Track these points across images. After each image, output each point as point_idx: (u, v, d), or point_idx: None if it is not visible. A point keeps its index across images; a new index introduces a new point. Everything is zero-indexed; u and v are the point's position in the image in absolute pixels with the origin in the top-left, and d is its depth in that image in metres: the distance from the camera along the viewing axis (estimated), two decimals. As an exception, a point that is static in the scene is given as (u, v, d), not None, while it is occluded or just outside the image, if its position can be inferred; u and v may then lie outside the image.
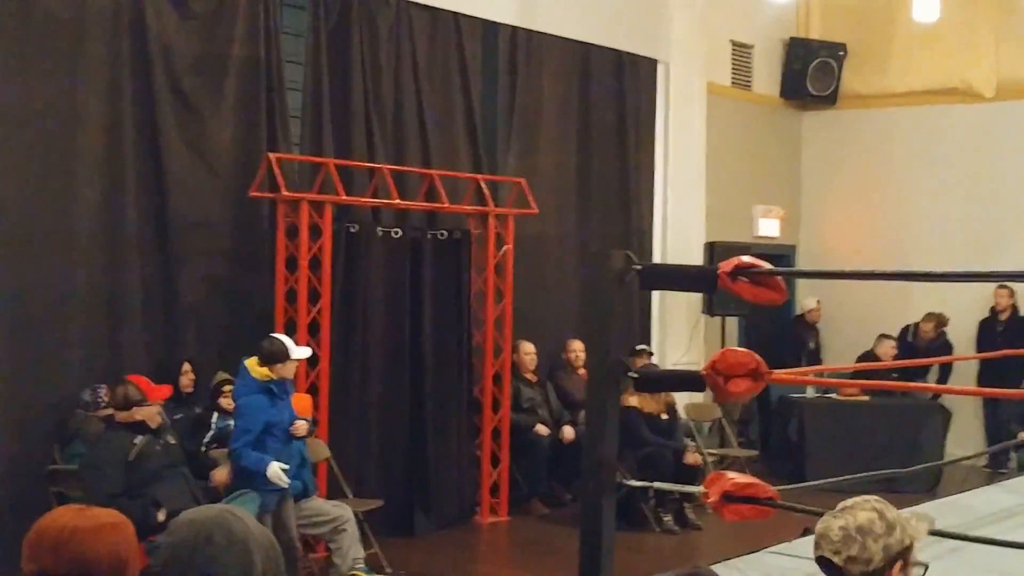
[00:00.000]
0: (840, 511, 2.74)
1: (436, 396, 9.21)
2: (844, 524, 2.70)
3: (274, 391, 6.89)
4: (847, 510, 2.74)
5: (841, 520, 2.71)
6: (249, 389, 6.89)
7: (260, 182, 8.09)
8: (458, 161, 9.78)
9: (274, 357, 6.88)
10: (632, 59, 11.42)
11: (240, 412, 6.92)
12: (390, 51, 9.25)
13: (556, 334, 10.59)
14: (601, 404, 4.63)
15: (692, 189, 12.01)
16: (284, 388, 7.01)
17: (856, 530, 2.68)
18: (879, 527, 2.69)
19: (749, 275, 4.31)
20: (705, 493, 4.48)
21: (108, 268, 7.66)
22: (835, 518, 2.73)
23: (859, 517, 2.70)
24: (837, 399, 11.61)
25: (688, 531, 9.32)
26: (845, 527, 2.69)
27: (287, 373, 6.97)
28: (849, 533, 2.68)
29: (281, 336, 7.19)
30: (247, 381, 6.92)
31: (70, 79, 7.46)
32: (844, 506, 2.76)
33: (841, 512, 2.74)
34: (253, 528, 2.57)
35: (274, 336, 7.18)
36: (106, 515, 2.58)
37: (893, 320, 12.36)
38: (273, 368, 6.87)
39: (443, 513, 9.25)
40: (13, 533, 3.01)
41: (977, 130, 12.84)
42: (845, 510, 2.74)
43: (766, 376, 4.28)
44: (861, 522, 2.69)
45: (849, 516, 2.71)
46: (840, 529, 2.69)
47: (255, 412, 6.81)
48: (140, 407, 6.51)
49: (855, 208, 13.65)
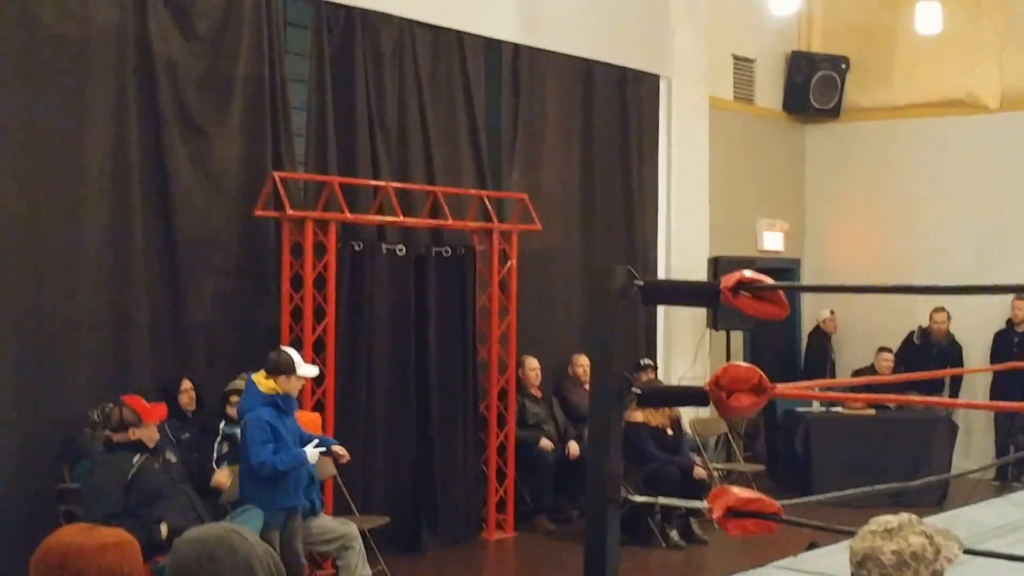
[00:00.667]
0: (887, 532, 2.67)
1: (442, 412, 9.22)
2: (898, 549, 2.64)
3: (280, 405, 6.91)
4: (896, 532, 2.67)
5: (893, 544, 2.65)
6: (255, 403, 6.90)
7: (265, 201, 8.13)
8: (462, 178, 9.80)
9: (279, 369, 6.90)
10: (634, 74, 11.45)
11: (248, 426, 6.92)
12: (393, 69, 9.29)
13: (561, 349, 10.60)
14: (605, 419, 4.64)
15: (696, 203, 12.03)
16: (289, 405, 7.03)
17: (911, 556, 2.63)
18: (930, 553, 2.65)
19: (751, 290, 4.32)
20: (709, 508, 4.47)
21: (115, 287, 7.69)
22: (884, 539, 2.66)
23: (912, 543, 2.65)
24: (843, 413, 11.59)
25: (694, 546, 9.31)
26: (899, 552, 2.64)
27: (292, 389, 6.98)
28: (903, 559, 2.63)
29: (289, 349, 7.22)
30: (253, 395, 6.94)
31: (76, 99, 7.49)
32: (890, 527, 2.69)
33: (890, 534, 2.67)
34: (256, 545, 2.59)
35: (282, 348, 7.21)
36: (111, 534, 2.59)
37: (899, 333, 12.36)
38: (279, 381, 6.89)
39: (449, 530, 9.25)
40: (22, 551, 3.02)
41: (981, 141, 12.85)
42: (893, 532, 2.67)
43: (769, 391, 4.28)
44: (916, 548, 2.64)
45: (901, 540, 2.65)
46: (893, 554, 2.63)
47: (263, 424, 6.83)
48: (136, 428, 6.50)
49: (860, 221, 13.65)
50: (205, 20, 8.21)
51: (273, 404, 6.89)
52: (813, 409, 11.66)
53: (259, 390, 6.90)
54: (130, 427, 6.50)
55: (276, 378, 6.89)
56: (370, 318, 8.83)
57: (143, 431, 6.53)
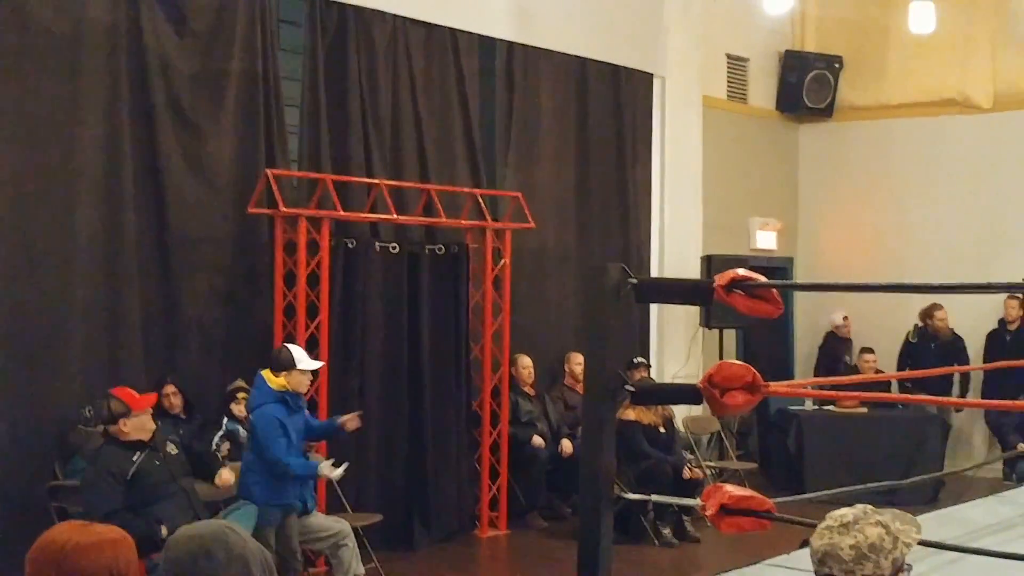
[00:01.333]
0: (843, 527, 2.69)
1: (435, 410, 9.22)
2: (855, 543, 2.65)
3: (289, 402, 6.93)
4: (852, 526, 2.68)
5: (850, 538, 2.66)
6: (264, 399, 6.93)
7: (259, 198, 8.12)
8: (456, 176, 9.80)
9: (280, 364, 6.94)
10: (628, 73, 11.45)
11: (258, 422, 6.93)
12: (387, 67, 9.28)
13: (554, 348, 10.62)
14: (598, 417, 4.64)
15: (689, 202, 12.04)
16: (298, 402, 7.05)
17: (868, 548, 2.65)
18: (888, 542, 2.66)
19: (744, 288, 4.32)
20: (703, 506, 4.48)
21: (108, 284, 7.68)
22: (841, 535, 2.68)
23: (869, 534, 2.66)
24: (835, 411, 11.62)
25: (687, 544, 9.32)
26: (856, 546, 2.65)
27: (299, 384, 7.01)
28: (862, 552, 2.64)
29: (291, 346, 7.23)
30: (263, 391, 6.97)
31: (68, 96, 7.48)
32: (845, 521, 2.70)
33: (846, 528, 2.68)
34: (250, 543, 2.60)
35: (285, 345, 7.24)
36: (107, 531, 2.61)
37: (892, 332, 12.37)
38: (285, 377, 6.92)
39: (442, 527, 9.25)
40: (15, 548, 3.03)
41: (975, 141, 12.87)
42: (849, 526, 2.69)
43: (762, 389, 4.28)
44: (873, 540, 2.66)
45: (858, 534, 2.66)
46: (852, 548, 2.65)
47: (273, 420, 6.85)
48: (126, 419, 6.44)
49: (853, 220, 13.66)
50: (198, 17, 8.21)
51: (282, 401, 6.92)
52: (806, 407, 11.69)
53: (268, 386, 6.93)
54: (120, 418, 6.42)
55: (280, 374, 6.91)
56: (363, 316, 8.83)
57: (134, 420, 6.42)
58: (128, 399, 6.51)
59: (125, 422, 6.41)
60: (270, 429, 6.87)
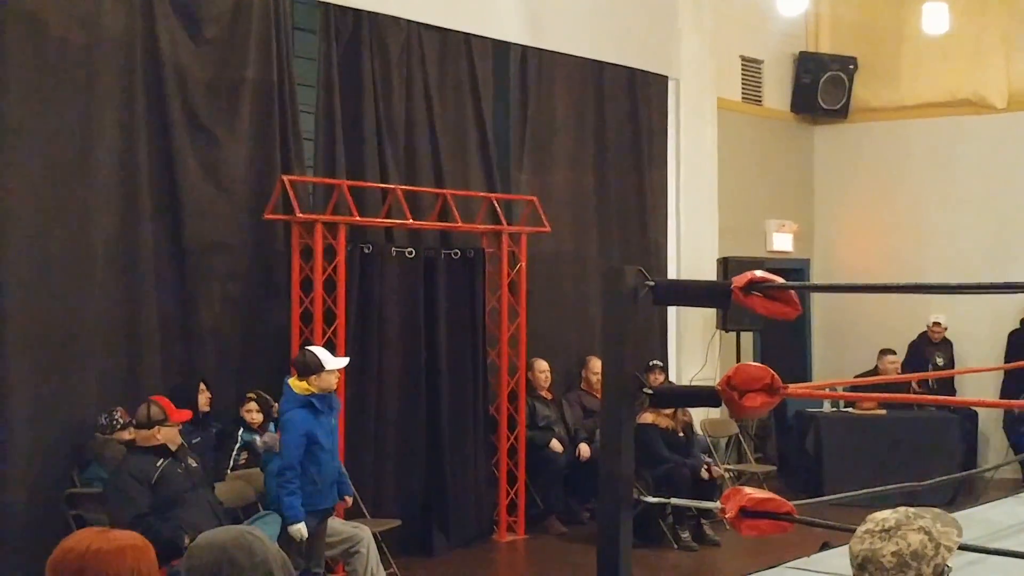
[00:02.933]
0: (885, 532, 2.63)
1: (452, 415, 9.23)
2: (897, 549, 2.60)
3: (316, 405, 6.91)
4: (895, 532, 2.62)
5: (892, 545, 2.60)
6: (291, 405, 6.93)
7: (274, 204, 8.14)
8: (471, 180, 9.81)
9: (308, 369, 6.92)
10: (643, 76, 11.45)
11: (283, 427, 6.97)
12: (401, 73, 9.29)
13: (571, 352, 10.61)
14: (617, 420, 4.63)
15: (705, 205, 12.02)
16: (328, 403, 7.04)
17: (911, 556, 2.59)
18: (930, 549, 2.61)
19: (762, 290, 4.32)
20: (722, 509, 4.47)
21: (125, 291, 7.70)
22: (883, 540, 2.62)
23: (912, 541, 2.61)
24: (854, 413, 11.58)
25: (706, 548, 9.30)
26: (899, 553, 2.59)
27: (327, 384, 6.99)
28: (904, 560, 2.59)
29: (315, 348, 7.23)
30: (289, 397, 6.97)
31: (85, 104, 7.50)
32: (888, 526, 2.64)
33: (888, 534, 2.63)
34: (271, 549, 2.60)
35: (308, 348, 7.23)
36: (127, 537, 2.61)
37: (911, 334, 12.34)
38: (311, 381, 6.91)
39: (461, 532, 9.25)
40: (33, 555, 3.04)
41: (989, 141, 12.83)
42: (892, 531, 2.63)
43: (781, 391, 4.27)
44: (915, 547, 2.60)
45: (900, 540, 2.61)
46: (894, 555, 2.59)
47: (297, 426, 6.85)
48: (163, 426, 6.53)
49: (869, 221, 13.63)
50: (213, 25, 8.22)
51: (307, 405, 6.90)
52: (824, 409, 11.65)
53: (293, 392, 6.93)
54: (156, 424, 6.51)
55: (308, 378, 6.92)
56: (380, 321, 8.84)
57: (168, 431, 6.54)
58: (168, 408, 6.61)
59: (160, 429, 6.50)
60: (290, 437, 6.86)
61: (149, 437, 6.53)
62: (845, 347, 13.16)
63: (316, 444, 6.88)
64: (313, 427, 6.87)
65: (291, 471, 6.80)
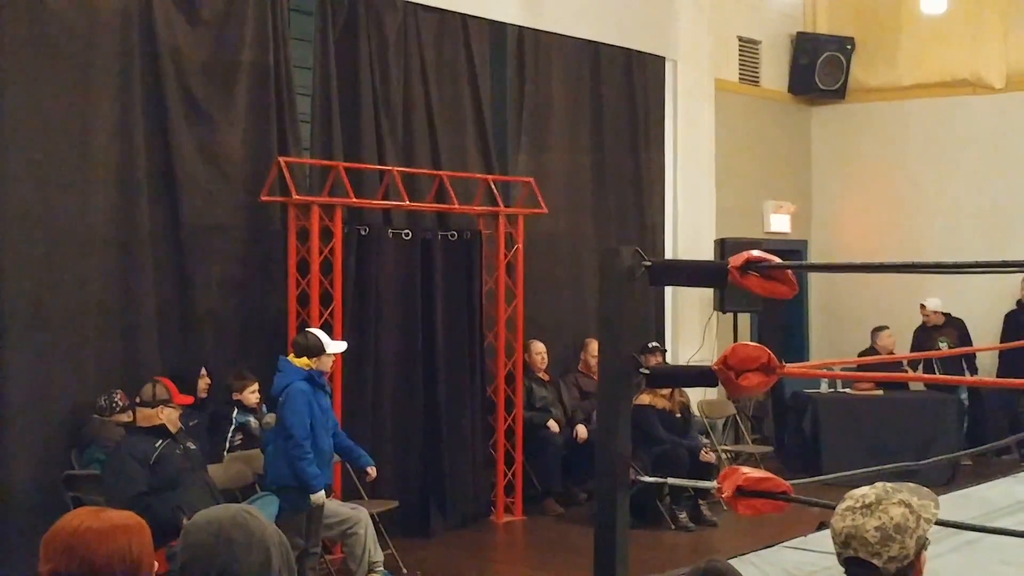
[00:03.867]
0: (866, 508, 2.64)
1: (449, 396, 9.23)
2: (880, 524, 2.61)
3: (315, 379, 6.95)
4: (876, 507, 2.64)
5: (874, 520, 2.62)
6: (292, 377, 6.93)
7: (271, 186, 8.12)
8: (468, 162, 9.79)
9: (308, 351, 6.97)
10: (640, 57, 11.42)
11: (286, 401, 6.92)
12: (398, 54, 9.27)
13: (568, 333, 10.61)
14: (614, 401, 4.63)
15: (702, 186, 12.02)
16: (323, 381, 7.09)
17: (894, 529, 2.60)
18: (912, 521, 2.62)
19: (759, 269, 4.31)
20: (719, 488, 4.47)
21: (122, 274, 7.69)
22: (864, 516, 2.63)
23: (894, 515, 2.62)
24: (851, 393, 11.60)
25: (703, 528, 9.31)
26: (882, 527, 2.61)
27: (325, 366, 7.06)
28: (888, 533, 2.60)
29: (315, 330, 7.25)
30: (289, 370, 6.97)
31: (81, 85, 7.49)
32: (868, 501, 2.65)
33: (869, 510, 2.64)
34: (269, 527, 2.60)
35: (309, 330, 7.24)
36: (120, 517, 2.57)
37: (908, 314, 12.34)
38: (311, 360, 6.97)
39: (458, 513, 9.27)
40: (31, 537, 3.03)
41: (988, 121, 12.82)
42: (872, 507, 2.64)
43: (777, 370, 4.27)
44: (898, 520, 2.61)
45: (883, 515, 2.62)
46: (877, 530, 2.60)
47: (301, 397, 6.86)
48: (166, 406, 6.55)
49: (866, 202, 13.63)
50: (209, 6, 8.20)
51: (309, 379, 6.94)
52: (821, 390, 11.67)
53: (294, 366, 6.96)
54: (160, 403, 6.53)
55: (310, 360, 6.95)
56: (376, 303, 8.83)
57: (169, 412, 6.56)
58: (173, 390, 6.63)
59: (163, 409, 6.51)
60: (298, 407, 6.85)
61: (152, 416, 6.53)
62: (843, 328, 13.17)
63: (315, 420, 6.89)
64: (312, 401, 6.90)
65: (304, 441, 6.81)
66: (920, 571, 2.67)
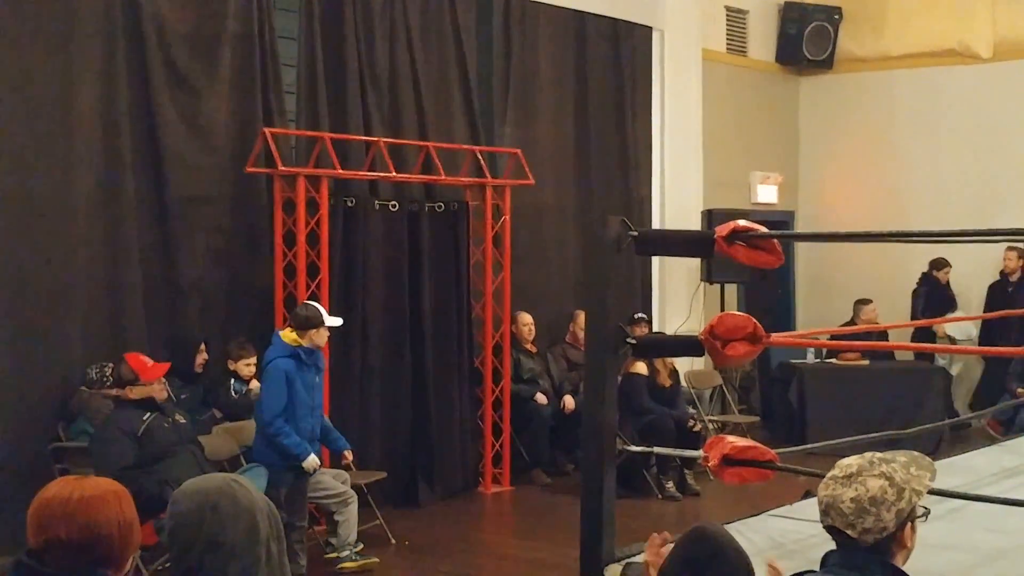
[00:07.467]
0: (847, 478, 2.64)
1: (437, 368, 9.24)
2: (856, 495, 2.61)
3: (302, 357, 6.97)
4: (855, 478, 2.63)
5: (851, 491, 2.62)
6: (277, 353, 7.00)
7: (256, 157, 8.09)
8: (454, 133, 9.76)
9: (309, 323, 7.02)
10: (627, 27, 11.38)
11: (265, 376, 7.04)
12: (384, 24, 9.22)
13: (555, 305, 10.62)
14: (600, 371, 4.64)
15: (689, 156, 11.99)
16: (315, 360, 7.11)
17: (869, 502, 2.60)
18: (891, 495, 2.61)
19: (745, 239, 4.32)
20: (705, 457, 4.49)
21: (107, 245, 7.66)
22: (843, 486, 2.63)
23: (871, 487, 2.61)
24: (837, 364, 11.64)
25: (689, 498, 9.37)
26: (857, 499, 2.61)
27: (320, 340, 7.10)
28: (862, 505, 2.60)
29: (315, 303, 7.28)
30: (277, 347, 7.04)
31: (64, 58, 7.43)
32: (849, 472, 2.65)
33: (849, 480, 2.64)
34: (257, 496, 2.60)
35: (308, 303, 7.27)
36: (106, 483, 2.65)
37: (895, 283, 12.38)
38: (305, 335, 6.99)
39: (446, 484, 9.29)
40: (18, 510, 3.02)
41: (975, 91, 12.81)
42: (852, 478, 2.64)
43: (763, 339, 4.28)
44: (874, 493, 2.60)
45: (860, 486, 2.62)
46: (852, 501, 2.61)
47: (280, 374, 6.91)
48: (133, 386, 6.57)
49: (854, 172, 13.62)
50: (193, -25, 8.14)
51: (295, 356, 6.97)
52: (807, 360, 11.71)
53: (282, 341, 7.01)
54: (127, 384, 6.55)
55: (307, 332, 6.97)
56: (364, 274, 8.82)
57: (142, 389, 6.57)
58: (139, 368, 6.65)
59: (131, 389, 6.52)
60: (273, 385, 6.93)
61: (140, 390, 6.58)
62: (829, 299, 13.19)
63: (296, 397, 6.91)
64: (295, 378, 6.92)
65: (274, 419, 6.84)
66: (904, 543, 2.67)
